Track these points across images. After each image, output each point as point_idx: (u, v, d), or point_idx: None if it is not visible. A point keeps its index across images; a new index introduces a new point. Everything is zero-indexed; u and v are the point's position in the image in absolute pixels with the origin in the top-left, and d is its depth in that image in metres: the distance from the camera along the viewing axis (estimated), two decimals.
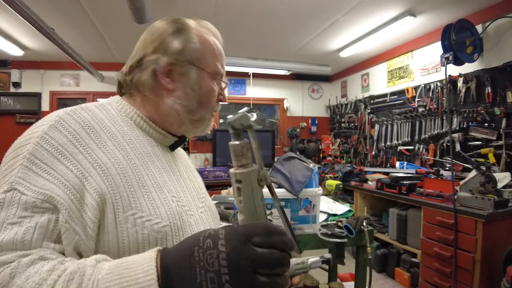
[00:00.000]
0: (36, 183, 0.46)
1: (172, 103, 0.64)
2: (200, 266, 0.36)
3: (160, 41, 0.63)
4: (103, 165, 0.53)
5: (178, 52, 0.63)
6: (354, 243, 1.48)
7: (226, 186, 3.99)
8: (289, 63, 4.71)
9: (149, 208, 0.54)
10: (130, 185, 0.54)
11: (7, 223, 0.43)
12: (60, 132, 0.52)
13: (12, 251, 0.41)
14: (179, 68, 0.64)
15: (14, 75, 4.33)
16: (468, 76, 2.89)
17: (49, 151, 0.49)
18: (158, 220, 0.54)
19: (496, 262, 2.07)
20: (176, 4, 2.76)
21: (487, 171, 2.22)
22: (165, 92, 0.65)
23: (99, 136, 0.56)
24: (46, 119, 0.55)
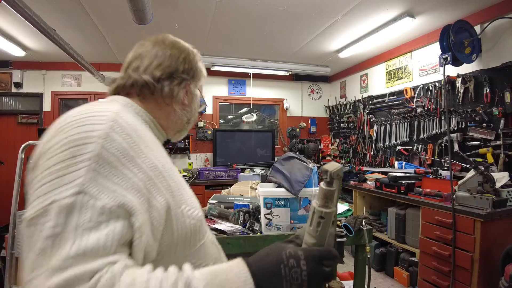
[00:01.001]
0: (107, 187, 0.46)
1: (182, 114, 0.75)
2: (287, 280, 0.47)
3: (190, 66, 0.76)
4: (155, 168, 0.55)
5: (198, 78, 0.79)
6: (353, 242, 1.49)
7: (226, 186, 4.01)
8: (288, 63, 4.72)
9: (190, 201, 0.62)
10: (175, 183, 0.59)
11: (82, 228, 0.42)
12: (119, 135, 0.51)
13: (97, 258, 0.42)
14: (193, 88, 0.77)
15: (15, 75, 4.34)
16: (467, 76, 2.91)
17: (115, 154, 0.48)
18: (197, 210, 0.62)
19: (494, 261, 2.09)
20: (177, 6, 2.78)
21: (485, 171, 2.24)
22: (180, 105, 0.74)
23: (143, 139, 0.57)
24: (98, 119, 0.52)
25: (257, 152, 5.08)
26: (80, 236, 0.42)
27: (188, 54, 0.76)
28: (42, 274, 0.39)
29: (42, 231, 0.42)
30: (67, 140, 0.47)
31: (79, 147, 0.47)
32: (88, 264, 0.40)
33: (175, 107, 0.73)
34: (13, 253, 1.86)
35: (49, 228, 0.42)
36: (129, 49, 0.81)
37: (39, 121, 4.51)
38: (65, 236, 0.41)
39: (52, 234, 0.41)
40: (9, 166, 4.37)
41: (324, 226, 0.54)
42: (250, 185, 2.39)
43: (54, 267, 0.39)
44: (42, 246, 0.41)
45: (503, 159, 2.58)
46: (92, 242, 0.42)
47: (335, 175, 0.54)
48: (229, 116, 5.52)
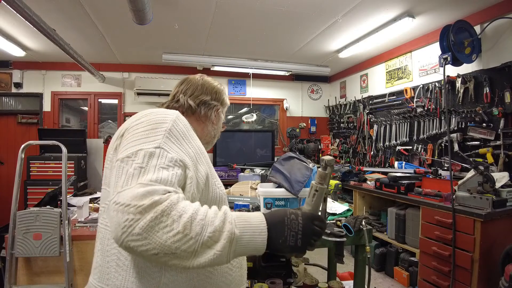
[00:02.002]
0: (174, 148, 0.70)
1: (211, 130, 1.04)
2: (288, 228, 0.66)
3: (218, 95, 1.05)
4: (200, 149, 0.81)
5: (224, 105, 1.08)
6: (353, 242, 1.49)
7: (226, 185, 4.00)
8: (288, 64, 4.73)
9: (217, 178, 0.86)
10: (209, 163, 0.84)
11: (159, 166, 0.64)
12: (181, 123, 0.78)
13: (167, 185, 0.62)
14: (220, 112, 1.06)
15: (15, 75, 4.34)
16: (467, 76, 2.91)
17: (179, 132, 0.75)
18: (222, 186, 0.88)
19: (494, 261, 2.09)
20: (176, 6, 2.78)
21: (485, 171, 2.24)
22: (210, 123, 1.04)
23: (192, 133, 0.83)
24: (168, 113, 0.78)
25: (257, 152, 5.08)
26: (157, 171, 0.63)
27: (218, 88, 1.06)
28: (133, 186, 0.59)
29: (133, 165, 0.63)
30: (151, 120, 0.73)
31: (159, 123, 0.72)
32: (163, 186, 0.61)
33: (208, 124, 1.02)
34: (13, 253, 1.85)
35: (139, 163, 0.64)
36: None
37: (39, 121, 4.51)
38: (148, 169, 0.63)
39: (140, 166, 0.63)
40: (9, 166, 4.38)
41: (318, 198, 0.79)
42: (250, 185, 2.39)
43: (141, 183, 0.60)
44: (133, 172, 0.62)
45: (503, 159, 2.58)
46: (165, 176, 0.63)
47: (329, 163, 0.81)
48: (229, 116, 5.52)
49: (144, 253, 0.55)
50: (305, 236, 0.67)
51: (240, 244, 0.61)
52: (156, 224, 0.55)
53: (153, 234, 0.55)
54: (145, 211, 0.55)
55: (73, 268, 1.91)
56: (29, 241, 1.83)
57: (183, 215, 0.57)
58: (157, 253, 0.55)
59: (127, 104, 4.82)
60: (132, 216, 0.55)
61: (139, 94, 4.54)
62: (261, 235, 0.63)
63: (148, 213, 0.55)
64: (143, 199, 0.56)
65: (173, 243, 0.55)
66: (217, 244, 0.59)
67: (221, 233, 0.60)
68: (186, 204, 0.60)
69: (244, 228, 0.63)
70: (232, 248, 0.60)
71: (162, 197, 0.58)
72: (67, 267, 1.84)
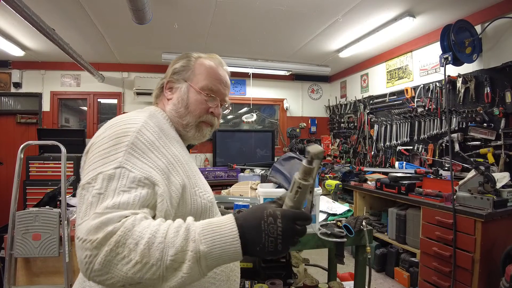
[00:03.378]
0: (138, 165, 0.64)
1: (169, 110, 0.87)
2: (265, 233, 0.58)
3: (169, 67, 0.91)
4: (177, 157, 0.75)
5: (174, 72, 0.88)
6: (353, 242, 1.48)
7: (226, 186, 4.00)
8: (288, 63, 4.72)
9: (202, 185, 0.80)
10: (191, 170, 0.78)
11: (119, 190, 0.60)
12: (148, 131, 0.71)
13: (126, 209, 0.58)
14: (176, 84, 0.88)
15: (14, 75, 4.33)
16: (467, 76, 2.90)
17: (144, 144, 0.68)
18: (208, 194, 0.81)
19: (495, 262, 2.08)
20: (176, 5, 2.77)
21: (486, 171, 2.23)
22: (165, 100, 0.89)
23: (168, 136, 0.77)
24: (134, 119, 0.73)
25: (257, 152, 5.07)
26: (117, 195, 0.59)
27: (173, 61, 0.92)
28: (89, 218, 0.56)
29: (92, 191, 0.59)
30: (112, 135, 0.67)
31: (120, 138, 0.66)
32: (119, 212, 0.57)
33: (166, 106, 0.88)
34: (12, 254, 1.85)
35: (97, 189, 0.59)
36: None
37: (38, 121, 4.50)
38: (107, 194, 0.59)
39: (98, 193, 0.59)
40: (8, 166, 4.36)
41: (301, 194, 0.66)
42: (250, 185, 2.38)
43: (96, 213, 0.56)
44: (91, 201, 0.58)
45: (503, 159, 2.58)
46: (124, 199, 0.59)
47: (315, 156, 0.64)
48: (229, 116, 5.51)
49: (112, 286, 0.53)
50: (286, 239, 0.59)
51: (211, 258, 0.56)
52: (114, 257, 0.52)
53: (113, 267, 0.52)
54: (101, 245, 0.52)
55: (72, 268, 1.91)
56: (28, 242, 1.82)
57: (139, 242, 0.53)
58: (124, 285, 0.53)
59: (127, 104, 4.81)
60: (89, 252, 0.53)
61: (138, 94, 4.53)
62: (233, 245, 0.57)
63: (103, 246, 0.52)
64: (97, 232, 0.53)
65: (134, 274, 0.52)
66: (183, 266, 0.54)
67: (185, 253, 0.55)
68: (143, 226, 0.55)
69: (212, 242, 0.57)
70: (202, 265, 0.56)
71: (116, 226, 0.54)
72: (66, 267, 1.83)
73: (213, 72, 0.88)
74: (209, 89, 0.86)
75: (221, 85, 0.89)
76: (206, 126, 0.89)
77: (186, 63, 0.88)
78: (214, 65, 0.89)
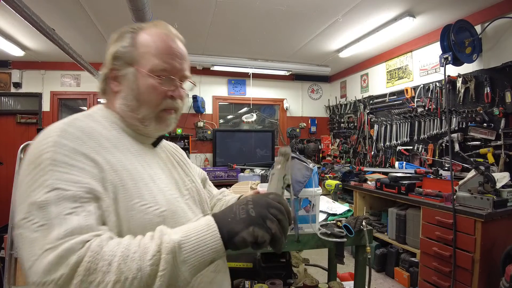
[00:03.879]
0: (71, 180, 0.54)
1: (119, 105, 0.73)
2: (236, 206, 0.58)
3: (106, 51, 0.74)
4: (110, 163, 0.62)
5: (114, 57, 0.72)
6: (353, 242, 1.48)
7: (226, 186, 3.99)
8: (288, 63, 4.72)
9: (149, 197, 0.65)
10: (132, 179, 0.64)
11: (64, 214, 0.50)
12: (67, 139, 0.59)
13: (84, 233, 0.50)
14: (120, 71, 0.72)
15: (14, 75, 4.33)
16: (467, 76, 2.90)
17: (67, 155, 0.57)
18: (157, 206, 0.65)
19: (495, 262, 2.08)
20: (176, 5, 2.77)
21: (486, 171, 2.23)
22: (113, 95, 0.74)
23: (98, 140, 0.64)
24: (48, 133, 0.60)
25: (257, 152, 5.07)
26: (64, 221, 0.50)
27: (109, 43, 0.75)
28: (39, 257, 0.47)
29: (32, 226, 0.49)
30: (30, 156, 0.57)
31: (39, 157, 0.56)
32: (77, 238, 0.48)
33: (115, 99, 0.74)
34: (12, 254, 1.85)
35: (37, 222, 0.49)
36: None
37: (38, 121, 4.50)
38: (51, 224, 0.49)
39: (40, 225, 0.49)
40: (8, 166, 4.36)
41: (274, 180, 0.76)
42: (250, 185, 2.38)
43: (47, 249, 0.47)
44: (34, 237, 0.48)
45: (503, 159, 2.58)
46: (75, 223, 0.50)
47: (280, 153, 0.82)
48: (229, 116, 5.52)
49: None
50: (257, 205, 0.56)
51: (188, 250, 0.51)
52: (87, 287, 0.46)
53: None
54: (69, 280, 0.45)
55: None
56: None
57: (113, 261, 0.47)
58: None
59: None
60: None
61: None
62: (210, 230, 0.54)
63: (72, 279, 0.45)
64: (58, 268, 0.45)
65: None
66: (160, 263, 0.49)
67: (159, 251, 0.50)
68: (113, 245, 0.49)
69: (187, 232, 0.53)
70: (181, 258, 0.51)
71: (80, 253, 0.47)
72: None
73: (163, 45, 0.71)
74: (161, 70, 0.70)
75: (176, 59, 0.73)
76: (169, 114, 0.75)
77: (127, 42, 0.71)
78: (162, 35, 0.73)
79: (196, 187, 0.86)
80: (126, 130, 0.73)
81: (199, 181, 0.92)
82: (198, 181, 0.90)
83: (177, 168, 0.84)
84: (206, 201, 0.89)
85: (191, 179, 0.86)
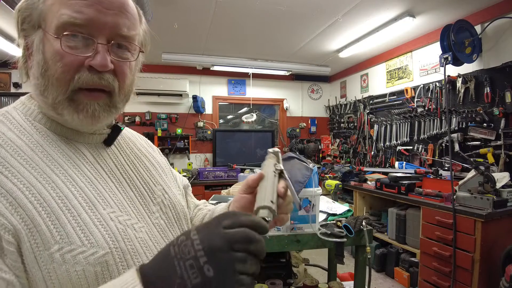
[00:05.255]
0: None
1: (31, 88, 0.52)
2: (177, 258, 0.34)
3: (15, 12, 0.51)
4: (8, 194, 0.41)
5: (22, 19, 0.49)
6: (353, 242, 1.49)
7: (226, 186, 4.00)
8: (288, 63, 4.72)
9: (80, 236, 0.44)
10: (49, 213, 0.43)
11: None
12: None
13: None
14: (29, 39, 0.50)
15: (14, 75, 4.33)
16: (467, 76, 2.90)
17: None
18: (94, 249, 0.44)
19: (495, 262, 2.08)
20: (176, 5, 2.77)
21: (486, 171, 2.23)
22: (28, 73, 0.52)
23: (1, 156, 0.44)
24: None
25: (257, 152, 5.07)
26: None
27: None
28: None
29: None
30: None
31: None
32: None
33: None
34: None
35: None
36: None
37: None
38: None
39: None
40: None
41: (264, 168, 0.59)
42: None
43: None
44: None
45: (503, 159, 2.58)
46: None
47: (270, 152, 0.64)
48: (229, 116, 5.52)
49: None
50: (213, 253, 0.33)
51: None
52: None
53: None
54: None
55: None
56: None
57: None
58: None
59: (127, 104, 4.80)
60: None
61: (138, 94, 4.53)
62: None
63: None
64: None
65: None
66: None
67: None
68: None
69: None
70: None
71: None
72: None
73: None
74: (69, 23, 0.46)
75: (96, 6, 0.47)
76: (89, 97, 0.49)
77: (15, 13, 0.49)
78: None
79: (170, 199, 0.63)
80: (54, 128, 0.52)
81: (176, 189, 0.69)
82: (173, 189, 0.67)
83: (143, 174, 0.62)
84: (185, 215, 0.66)
85: (162, 188, 0.63)
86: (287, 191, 0.54)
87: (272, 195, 0.50)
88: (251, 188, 0.58)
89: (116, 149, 0.61)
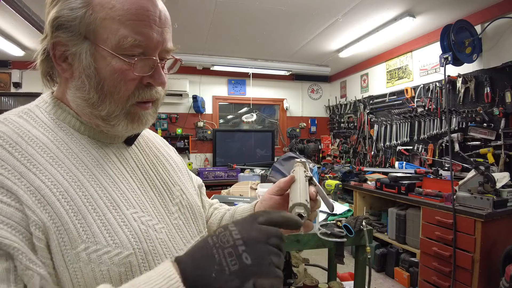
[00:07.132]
0: None
1: (72, 97, 0.50)
2: (216, 247, 0.35)
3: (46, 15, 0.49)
4: (37, 192, 0.41)
5: (58, 25, 0.46)
6: (353, 242, 1.48)
7: (226, 186, 4.00)
8: (288, 63, 4.72)
9: (105, 236, 0.44)
10: (75, 212, 0.43)
11: None
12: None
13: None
14: (69, 48, 0.48)
15: (14, 75, 4.33)
16: (467, 76, 2.90)
17: None
18: (119, 249, 0.44)
19: (495, 262, 2.08)
20: (176, 5, 2.77)
21: (486, 171, 2.23)
22: (63, 80, 0.52)
23: (26, 153, 0.44)
24: None
25: (257, 152, 5.07)
26: None
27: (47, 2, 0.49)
28: None
29: None
30: None
31: None
32: None
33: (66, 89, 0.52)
34: None
35: None
36: None
37: None
38: None
39: None
40: None
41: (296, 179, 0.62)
42: (250, 185, 2.38)
43: None
44: None
45: (503, 159, 2.58)
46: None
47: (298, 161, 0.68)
48: (229, 116, 5.51)
49: None
50: (251, 243, 0.35)
51: None
52: None
53: None
54: None
55: None
56: None
57: None
58: None
59: None
60: None
61: None
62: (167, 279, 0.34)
63: None
64: None
65: None
66: None
67: None
68: None
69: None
70: None
71: None
72: None
73: (133, 5, 0.46)
74: (132, 45, 0.46)
75: (154, 27, 0.48)
76: (145, 109, 0.52)
77: (76, 2, 0.46)
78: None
79: (188, 199, 0.63)
80: (78, 127, 0.52)
81: (192, 189, 0.69)
82: (190, 189, 0.67)
83: (162, 174, 0.61)
84: (201, 216, 0.65)
85: (180, 188, 0.63)
86: (317, 196, 0.58)
87: (305, 195, 0.53)
88: (282, 190, 0.62)
89: (137, 148, 0.61)
